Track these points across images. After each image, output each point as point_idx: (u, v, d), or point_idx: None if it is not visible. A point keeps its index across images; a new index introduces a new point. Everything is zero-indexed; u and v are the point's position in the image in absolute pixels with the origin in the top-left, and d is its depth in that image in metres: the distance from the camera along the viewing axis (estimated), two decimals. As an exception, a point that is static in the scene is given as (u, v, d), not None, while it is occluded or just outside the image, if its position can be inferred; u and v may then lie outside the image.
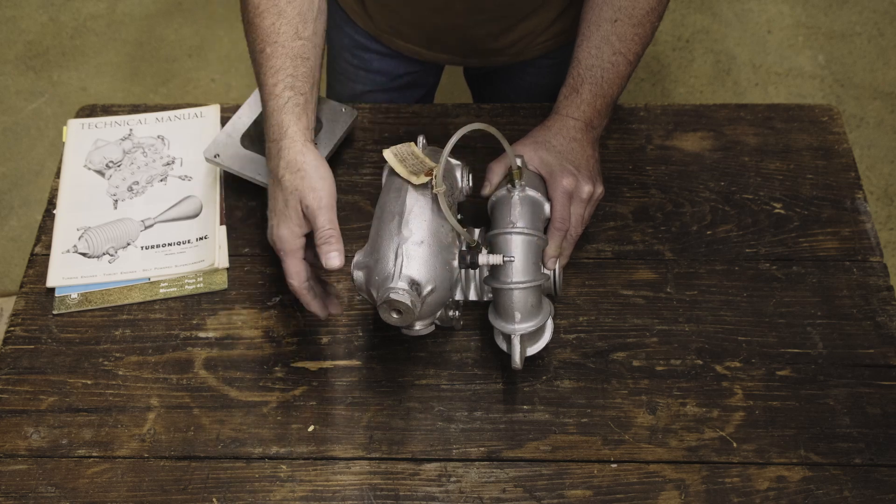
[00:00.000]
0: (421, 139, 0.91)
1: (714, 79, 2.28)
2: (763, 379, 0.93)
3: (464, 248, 0.87)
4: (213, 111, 1.14)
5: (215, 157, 1.03)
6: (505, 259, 0.85)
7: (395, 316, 0.80)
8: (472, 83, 1.42)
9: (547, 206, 0.91)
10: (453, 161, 0.92)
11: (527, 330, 0.86)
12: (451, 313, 0.90)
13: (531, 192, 0.90)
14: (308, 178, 0.82)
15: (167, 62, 2.33)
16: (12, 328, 0.97)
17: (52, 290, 0.99)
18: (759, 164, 1.09)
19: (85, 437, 0.90)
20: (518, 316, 0.86)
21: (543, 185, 0.93)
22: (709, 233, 1.03)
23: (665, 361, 0.94)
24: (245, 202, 1.06)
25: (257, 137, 1.08)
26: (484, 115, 1.14)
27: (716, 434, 0.89)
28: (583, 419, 0.90)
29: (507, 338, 0.87)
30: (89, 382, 0.93)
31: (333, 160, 1.08)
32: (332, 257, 0.80)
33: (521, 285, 0.85)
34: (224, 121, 1.11)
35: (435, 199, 0.84)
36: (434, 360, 0.94)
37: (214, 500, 0.86)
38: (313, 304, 0.86)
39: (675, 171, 1.08)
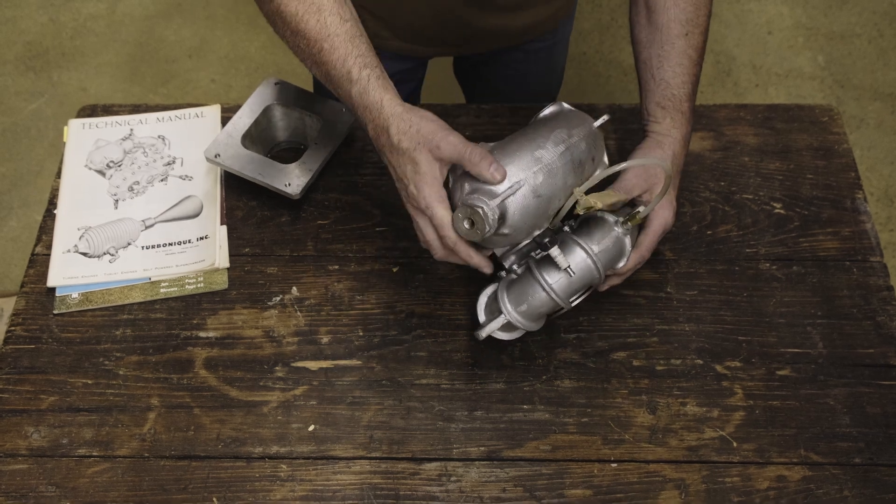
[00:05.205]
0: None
1: (714, 80, 2.28)
2: (763, 379, 0.93)
3: (549, 230, 0.87)
4: (213, 111, 1.14)
5: (216, 156, 1.03)
6: (568, 269, 0.86)
7: (466, 226, 0.80)
8: (462, 76, 1.42)
9: (625, 258, 0.91)
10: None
11: (516, 323, 0.87)
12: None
13: (627, 238, 0.90)
14: (425, 127, 0.82)
15: (167, 63, 2.33)
16: (13, 328, 0.97)
17: (53, 289, 0.99)
18: (759, 164, 1.09)
19: (85, 437, 0.90)
20: (524, 308, 0.86)
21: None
22: (709, 233, 1.03)
23: (665, 361, 0.94)
24: (245, 202, 1.06)
25: (258, 137, 1.08)
26: (484, 115, 1.14)
27: (716, 434, 0.89)
28: (583, 419, 0.90)
29: (495, 312, 0.88)
30: (90, 382, 0.93)
31: (333, 160, 1.08)
32: (496, 168, 0.79)
33: (553, 294, 0.86)
34: (225, 121, 1.11)
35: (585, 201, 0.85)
36: (434, 360, 0.94)
37: (215, 499, 0.86)
38: (475, 256, 0.85)
39: (675, 172, 1.08)
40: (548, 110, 0.92)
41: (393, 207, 1.06)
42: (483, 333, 0.87)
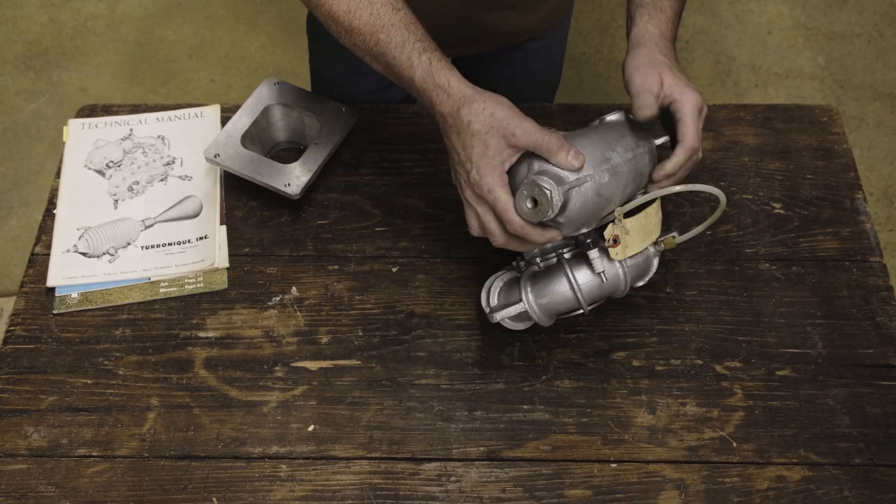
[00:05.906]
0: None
1: (714, 80, 2.28)
2: (763, 379, 0.93)
3: (596, 233, 0.87)
4: (213, 111, 1.14)
5: (215, 156, 1.03)
6: (602, 274, 0.86)
7: (528, 205, 0.79)
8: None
9: (648, 277, 0.91)
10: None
11: (532, 314, 0.87)
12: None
13: (655, 259, 0.91)
14: (499, 111, 0.80)
15: (167, 62, 2.33)
16: (12, 328, 0.97)
17: (53, 289, 0.99)
18: (759, 164, 1.09)
19: (85, 437, 0.90)
20: (544, 301, 0.87)
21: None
22: (708, 233, 1.03)
23: (665, 361, 0.94)
24: (245, 202, 1.06)
25: (257, 137, 1.08)
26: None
27: (716, 434, 0.89)
28: (583, 419, 0.90)
29: (511, 299, 0.88)
30: (89, 382, 0.93)
31: (333, 160, 1.08)
32: (574, 155, 0.79)
33: (579, 294, 0.86)
34: (224, 121, 1.11)
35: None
36: (434, 360, 0.94)
37: (214, 499, 0.86)
38: (547, 233, 0.82)
39: (674, 172, 1.08)
40: (614, 116, 0.92)
41: (393, 207, 1.06)
42: (497, 317, 0.87)
